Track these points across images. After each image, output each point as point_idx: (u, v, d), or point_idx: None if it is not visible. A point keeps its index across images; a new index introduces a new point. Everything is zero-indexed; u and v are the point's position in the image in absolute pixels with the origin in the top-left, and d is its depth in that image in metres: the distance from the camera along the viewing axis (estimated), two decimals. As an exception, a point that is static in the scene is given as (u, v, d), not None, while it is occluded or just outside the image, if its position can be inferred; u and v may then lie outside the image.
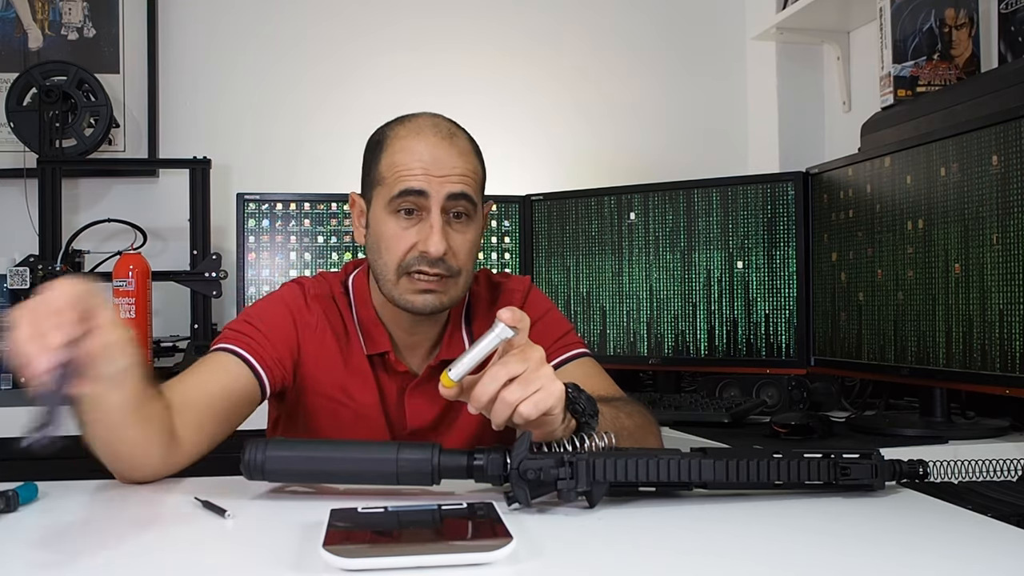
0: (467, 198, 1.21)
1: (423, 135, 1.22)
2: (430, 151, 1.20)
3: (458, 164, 1.21)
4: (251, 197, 2.20)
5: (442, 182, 1.19)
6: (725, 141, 2.66)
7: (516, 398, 0.93)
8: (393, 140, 1.23)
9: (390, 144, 1.23)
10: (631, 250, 2.11)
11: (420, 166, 1.19)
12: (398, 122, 1.26)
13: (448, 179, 1.19)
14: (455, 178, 1.20)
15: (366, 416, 1.27)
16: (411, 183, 1.19)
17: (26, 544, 0.83)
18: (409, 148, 1.21)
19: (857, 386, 2.00)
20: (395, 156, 1.22)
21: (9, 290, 2.09)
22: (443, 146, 1.21)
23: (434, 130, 1.22)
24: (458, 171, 1.20)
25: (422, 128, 1.23)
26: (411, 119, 1.25)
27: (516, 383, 0.94)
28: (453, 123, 1.26)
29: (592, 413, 1.01)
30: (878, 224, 1.71)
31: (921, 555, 0.81)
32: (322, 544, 0.75)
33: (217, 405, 1.15)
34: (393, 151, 1.22)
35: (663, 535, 0.87)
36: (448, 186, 1.19)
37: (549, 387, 0.94)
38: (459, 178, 1.20)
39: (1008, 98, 1.52)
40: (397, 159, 1.21)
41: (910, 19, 1.91)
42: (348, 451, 0.97)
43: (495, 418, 0.95)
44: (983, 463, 1.18)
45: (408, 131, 1.23)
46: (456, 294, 1.24)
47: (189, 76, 2.52)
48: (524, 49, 2.62)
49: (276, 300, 1.30)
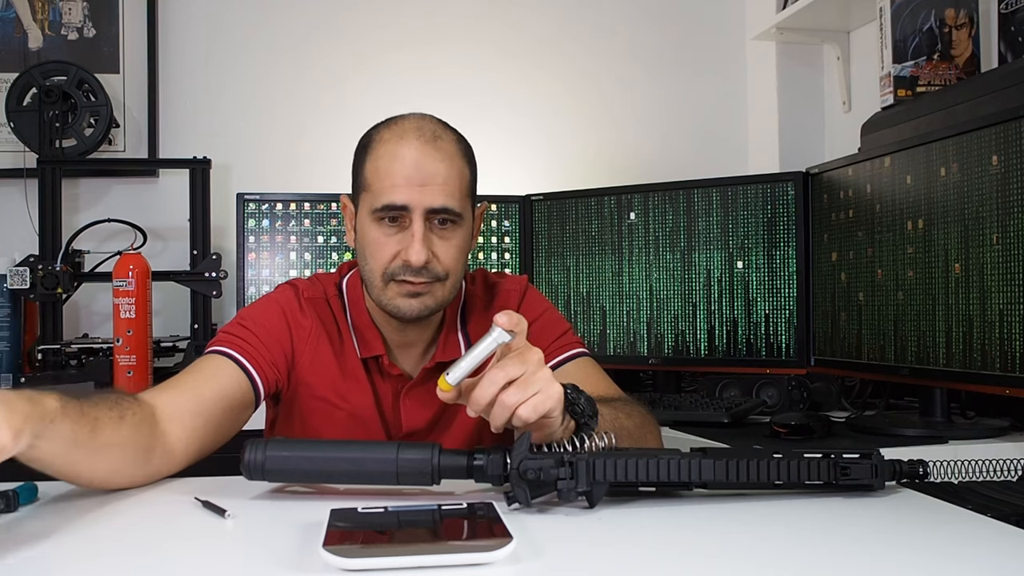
0: (447, 211, 1.20)
1: (406, 139, 1.20)
2: (412, 157, 1.19)
3: (440, 170, 1.19)
4: (251, 197, 2.20)
5: (423, 192, 1.18)
6: (725, 141, 2.66)
7: (515, 401, 0.93)
8: (377, 144, 1.22)
9: (374, 148, 1.22)
10: (631, 250, 2.11)
11: (402, 175, 1.18)
12: (384, 125, 1.25)
13: (429, 189, 1.18)
14: (436, 189, 1.19)
15: (361, 418, 1.27)
16: (393, 197, 1.18)
17: (26, 544, 0.83)
18: (391, 154, 1.20)
19: (857, 386, 2.00)
20: (378, 162, 1.21)
21: (9, 290, 2.09)
22: (426, 151, 1.19)
23: (417, 134, 1.21)
24: (440, 178, 1.19)
25: (405, 132, 1.21)
26: (397, 121, 1.24)
27: (515, 386, 0.94)
28: (440, 124, 1.24)
29: (591, 414, 1.01)
30: (878, 224, 1.71)
31: (921, 555, 0.81)
32: (322, 544, 0.75)
33: (210, 409, 1.14)
34: (376, 156, 1.22)
35: (663, 535, 0.87)
36: (429, 198, 1.18)
37: (548, 389, 0.94)
38: (440, 188, 1.19)
39: (1008, 98, 1.52)
40: (380, 165, 1.21)
41: (910, 19, 1.91)
42: (348, 451, 0.97)
43: (494, 421, 0.95)
44: (983, 463, 1.18)
45: (392, 134, 1.22)
46: (443, 297, 1.23)
47: (189, 76, 2.52)
48: (524, 49, 2.62)
49: (270, 302, 1.29)
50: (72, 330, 2.39)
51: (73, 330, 2.39)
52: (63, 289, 2.12)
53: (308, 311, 1.28)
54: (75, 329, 2.41)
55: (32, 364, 2.15)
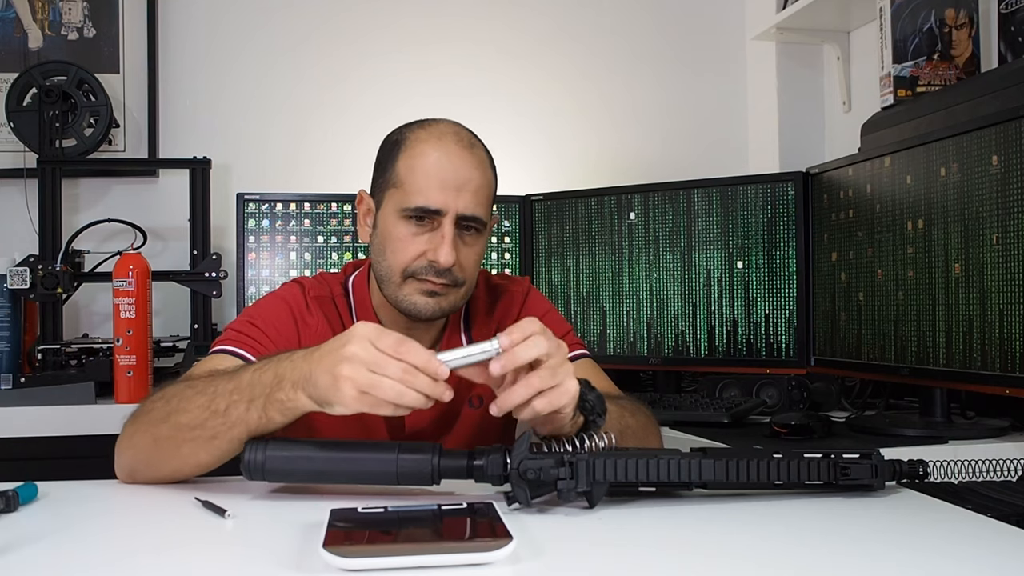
0: (476, 220, 1.21)
1: (444, 141, 1.21)
2: (450, 160, 1.20)
3: (475, 177, 1.20)
4: (251, 197, 2.20)
5: (458, 197, 1.19)
6: (725, 141, 2.66)
7: (540, 385, 0.94)
8: (413, 143, 1.22)
9: (409, 147, 1.22)
10: (631, 250, 2.11)
11: (439, 177, 1.19)
12: (418, 125, 1.25)
13: (463, 195, 1.19)
14: (469, 196, 1.20)
15: (363, 417, 1.26)
16: (428, 199, 1.19)
17: (26, 544, 0.83)
18: (428, 153, 1.20)
19: (857, 386, 2.00)
20: (414, 160, 1.21)
21: (9, 290, 2.09)
22: (465, 157, 1.21)
23: (455, 139, 1.22)
24: (474, 185, 1.20)
25: (444, 134, 1.22)
26: (432, 123, 1.25)
27: (543, 368, 0.95)
28: (472, 134, 1.26)
29: (601, 412, 1.01)
30: (878, 224, 1.71)
31: (921, 555, 0.81)
32: (322, 544, 0.75)
33: None
34: (412, 154, 1.21)
35: (663, 535, 0.87)
36: (463, 203, 1.19)
37: (566, 384, 0.96)
38: (473, 195, 1.20)
39: (1008, 98, 1.52)
40: (416, 164, 1.20)
41: (910, 19, 1.91)
42: (348, 451, 0.97)
43: (511, 395, 0.95)
44: (983, 463, 1.18)
45: (429, 135, 1.22)
46: (456, 302, 1.25)
47: (189, 76, 2.52)
48: (524, 49, 2.62)
49: (277, 299, 1.30)
50: (72, 330, 2.39)
51: (73, 330, 2.39)
52: (63, 289, 2.12)
53: (314, 309, 1.29)
54: (75, 329, 2.41)
55: (32, 364, 2.15)
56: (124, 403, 1.87)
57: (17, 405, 1.88)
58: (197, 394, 1.03)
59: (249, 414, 0.99)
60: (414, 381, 0.91)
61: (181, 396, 1.05)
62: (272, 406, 0.98)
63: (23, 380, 2.02)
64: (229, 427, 1.00)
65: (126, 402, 1.88)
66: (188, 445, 1.02)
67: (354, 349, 0.92)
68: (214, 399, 1.01)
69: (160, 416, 1.05)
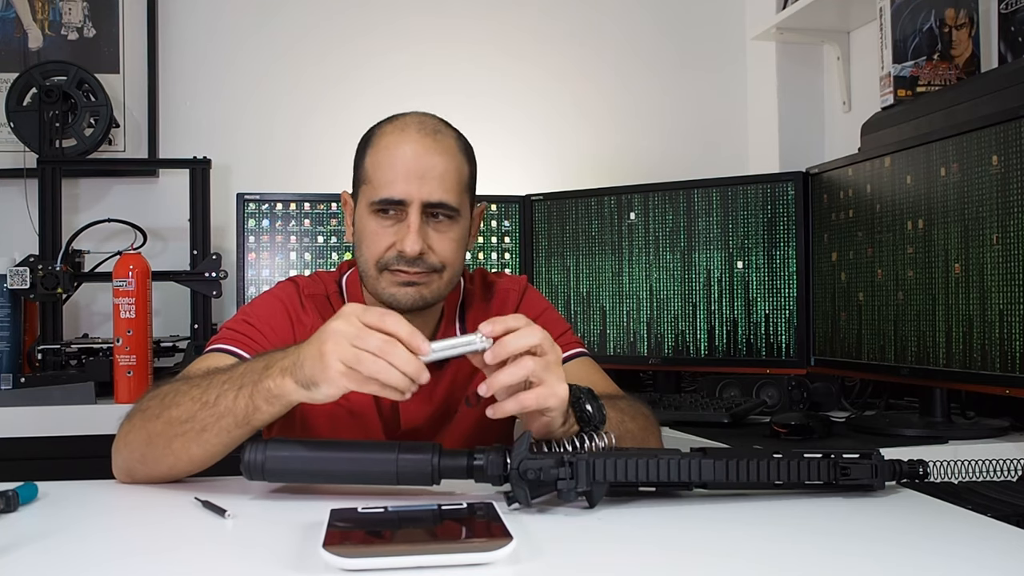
0: (444, 206, 1.21)
1: (407, 133, 1.22)
2: (412, 150, 1.21)
3: (438, 163, 1.21)
4: (251, 197, 2.20)
5: (421, 185, 1.20)
6: (725, 141, 2.65)
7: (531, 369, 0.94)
8: (379, 138, 1.25)
9: (375, 143, 1.25)
10: (631, 250, 2.11)
11: (401, 168, 1.20)
12: (387, 121, 1.27)
13: (426, 182, 1.20)
14: (434, 182, 1.20)
15: (360, 415, 1.27)
16: (391, 191, 1.20)
17: (26, 544, 0.83)
18: (391, 147, 1.22)
19: (857, 386, 2.00)
20: (378, 155, 1.23)
21: (9, 290, 2.09)
22: (425, 144, 1.21)
23: (418, 127, 1.23)
24: (437, 171, 1.21)
25: (406, 127, 1.24)
26: (398, 118, 1.26)
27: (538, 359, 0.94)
28: (440, 121, 1.26)
29: (600, 422, 1.01)
30: (878, 224, 1.71)
31: (921, 555, 0.81)
32: (322, 544, 0.75)
33: None
34: (377, 149, 1.24)
35: (663, 535, 0.87)
36: (426, 191, 1.20)
37: (555, 387, 0.95)
38: (438, 182, 1.21)
39: (1008, 98, 1.52)
40: (380, 158, 1.23)
41: (910, 19, 1.91)
42: (348, 451, 0.97)
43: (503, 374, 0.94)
44: (983, 463, 1.18)
45: (393, 128, 1.24)
46: (440, 289, 1.25)
47: (189, 76, 2.52)
48: (524, 49, 2.62)
49: (272, 298, 1.30)
50: (72, 330, 2.39)
51: (73, 330, 2.39)
52: (63, 289, 2.12)
53: (309, 308, 1.29)
54: (75, 329, 2.41)
55: (32, 364, 2.15)
56: (124, 403, 1.87)
57: (17, 405, 1.89)
58: (191, 387, 1.04)
59: (236, 403, 1.00)
60: (392, 352, 0.91)
61: (176, 392, 1.05)
62: (259, 394, 0.99)
63: (23, 380, 2.02)
64: (217, 418, 1.00)
65: (126, 402, 1.88)
66: (179, 440, 1.03)
67: (339, 325, 0.93)
68: (206, 391, 1.02)
69: (154, 413, 1.05)
